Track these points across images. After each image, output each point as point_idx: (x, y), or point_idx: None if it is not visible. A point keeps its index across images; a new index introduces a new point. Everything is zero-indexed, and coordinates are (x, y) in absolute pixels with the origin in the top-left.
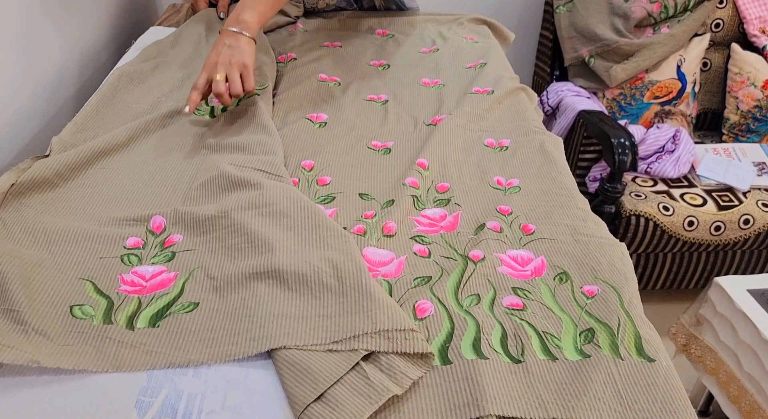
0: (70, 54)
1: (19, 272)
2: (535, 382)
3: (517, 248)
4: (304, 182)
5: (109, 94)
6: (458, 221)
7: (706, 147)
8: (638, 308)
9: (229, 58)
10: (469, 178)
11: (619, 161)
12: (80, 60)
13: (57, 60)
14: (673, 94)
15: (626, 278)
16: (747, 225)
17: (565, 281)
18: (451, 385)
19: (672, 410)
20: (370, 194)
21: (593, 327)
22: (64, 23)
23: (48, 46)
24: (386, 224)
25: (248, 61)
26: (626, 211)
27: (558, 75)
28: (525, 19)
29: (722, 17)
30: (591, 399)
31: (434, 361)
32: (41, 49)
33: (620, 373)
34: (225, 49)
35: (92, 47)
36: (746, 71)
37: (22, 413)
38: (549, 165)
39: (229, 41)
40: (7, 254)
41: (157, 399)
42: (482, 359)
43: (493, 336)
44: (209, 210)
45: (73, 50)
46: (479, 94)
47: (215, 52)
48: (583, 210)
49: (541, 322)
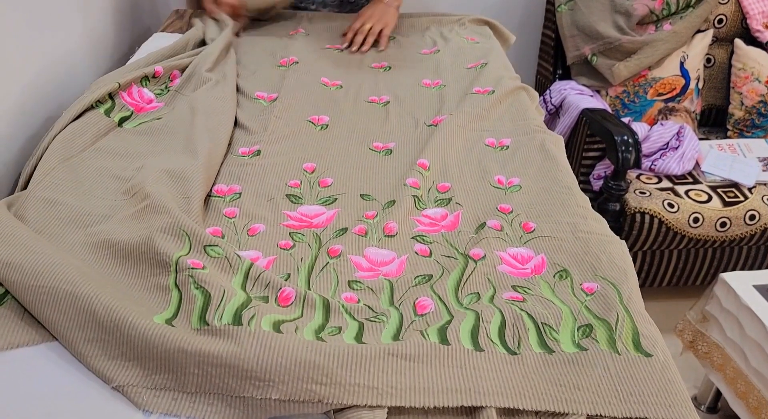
0: (75, 59)
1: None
2: (530, 374)
3: (517, 246)
4: (306, 184)
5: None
6: (459, 221)
7: (711, 143)
8: (638, 304)
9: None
10: (469, 177)
11: (623, 158)
12: (85, 66)
13: (63, 65)
14: (677, 90)
15: (626, 274)
16: (753, 221)
17: (564, 279)
18: (446, 369)
19: (668, 404)
20: (372, 195)
21: (591, 323)
22: (69, 30)
23: (53, 53)
24: (387, 224)
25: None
26: (631, 208)
27: (561, 74)
28: (527, 19)
29: (725, 13)
30: (586, 392)
31: (432, 338)
32: (45, 56)
33: (617, 367)
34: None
35: (96, 53)
36: (750, 67)
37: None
38: (549, 164)
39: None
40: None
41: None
42: (478, 351)
43: (492, 324)
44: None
45: (78, 56)
46: (480, 94)
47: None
48: (583, 208)
49: (541, 312)
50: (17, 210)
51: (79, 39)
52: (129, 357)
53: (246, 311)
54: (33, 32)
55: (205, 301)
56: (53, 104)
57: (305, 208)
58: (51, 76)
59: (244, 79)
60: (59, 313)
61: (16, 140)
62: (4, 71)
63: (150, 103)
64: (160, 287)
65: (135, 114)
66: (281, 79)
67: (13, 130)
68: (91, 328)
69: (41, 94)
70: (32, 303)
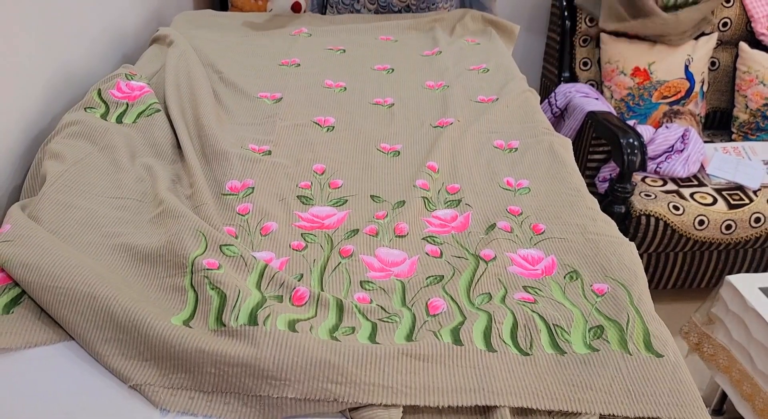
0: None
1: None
2: (543, 374)
3: (527, 247)
4: (316, 186)
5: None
6: (469, 222)
7: (716, 146)
8: (648, 305)
9: None
10: (479, 179)
11: (628, 161)
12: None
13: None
14: (682, 93)
15: (636, 275)
16: (758, 223)
17: (575, 280)
18: (460, 369)
19: (680, 403)
20: (381, 197)
21: (602, 324)
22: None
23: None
24: (398, 224)
25: None
26: (636, 211)
27: (567, 77)
28: (532, 22)
29: (730, 16)
30: (599, 392)
31: (445, 339)
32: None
33: (628, 367)
34: None
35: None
36: (755, 70)
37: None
38: (558, 166)
39: None
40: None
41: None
42: (491, 351)
43: (504, 325)
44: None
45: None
46: (484, 103)
47: None
48: (592, 209)
49: (552, 314)
50: (32, 212)
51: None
52: (146, 356)
53: (261, 311)
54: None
55: (221, 302)
56: (71, 99)
57: (316, 209)
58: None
59: (246, 79)
60: (77, 313)
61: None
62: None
63: (141, 90)
64: (176, 288)
65: (129, 105)
66: (284, 80)
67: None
68: (109, 328)
69: (59, 90)
70: (50, 304)
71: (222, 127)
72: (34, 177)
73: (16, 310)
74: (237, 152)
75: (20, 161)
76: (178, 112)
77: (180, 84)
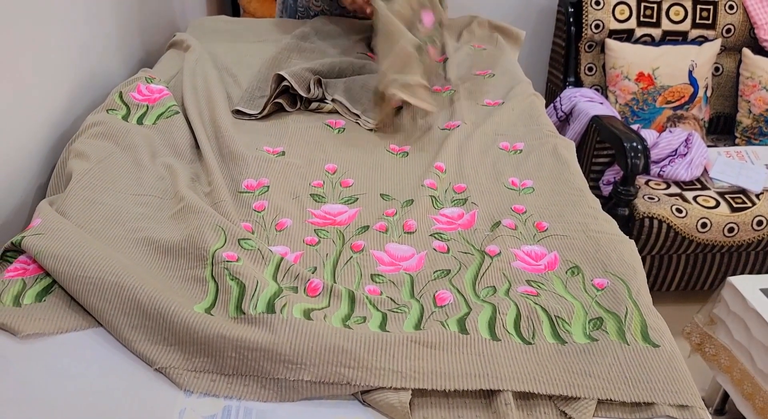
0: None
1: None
2: (545, 361)
3: (531, 244)
4: (328, 184)
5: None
6: (475, 219)
7: (719, 150)
8: (646, 299)
9: None
10: (485, 179)
11: (632, 164)
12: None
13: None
14: (685, 98)
15: (635, 271)
16: (760, 226)
17: (576, 275)
18: (466, 356)
19: (675, 390)
20: (391, 195)
21: (602, 316)
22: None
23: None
24: (407, 221)
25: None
26: (639, 213)
27: (572, 81)
28: (538, 28)
29: (733, 22)
30: (598, 379)
31: (452, 328)
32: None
33: (626, 356)
34: None
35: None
36: (758, 75)
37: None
38: (561, 167)
39: None
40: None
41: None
42: (495, 340)
43: (508, 316)
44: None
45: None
46: (490, 106)
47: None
48: (594, 209)
49: (554, 306)
50: (59, 207)
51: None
52: (171, 342)
53: (278, 300)
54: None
55: (240, 291)
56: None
57: (328, 206)
58: (94, 80)
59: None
60: (105, 302)
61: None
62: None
63: (161, 93)
64: (197, 279)
65: (149, 107)
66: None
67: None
68: (136, 316)
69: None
70: (79, 292)
71: (237, 129)
72: (59, 176)
73: (48, 298)
74: (252, 153)
75: (45, 161)
76: (196, 114)
77: (197, 87)
